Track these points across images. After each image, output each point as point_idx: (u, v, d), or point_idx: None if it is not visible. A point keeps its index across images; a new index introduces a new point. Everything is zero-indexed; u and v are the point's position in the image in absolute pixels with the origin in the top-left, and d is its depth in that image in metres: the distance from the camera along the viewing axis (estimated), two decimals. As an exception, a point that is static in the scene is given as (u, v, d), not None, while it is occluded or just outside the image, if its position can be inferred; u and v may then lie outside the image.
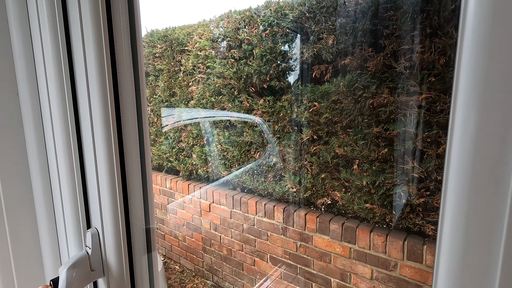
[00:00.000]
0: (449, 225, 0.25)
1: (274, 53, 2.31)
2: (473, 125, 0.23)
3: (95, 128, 0.54)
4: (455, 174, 0.24)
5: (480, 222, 0.23)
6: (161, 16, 3.97)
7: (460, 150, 0.24)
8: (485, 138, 0.22)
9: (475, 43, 0.22)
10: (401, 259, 1.83)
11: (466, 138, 0.23)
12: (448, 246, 0.25)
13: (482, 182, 0.23)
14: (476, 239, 0.23)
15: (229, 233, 2.74)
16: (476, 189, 0.23)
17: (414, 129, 1.81)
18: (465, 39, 0.23)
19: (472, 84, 0.23)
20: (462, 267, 0.24)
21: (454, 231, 0.25)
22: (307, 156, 2.25)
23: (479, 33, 0.22)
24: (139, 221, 0.61)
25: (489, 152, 0.22)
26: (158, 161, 3.38)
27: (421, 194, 1.82)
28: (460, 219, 0.24)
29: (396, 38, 1.79)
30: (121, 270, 0.58)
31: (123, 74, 0.56)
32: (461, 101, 0.23)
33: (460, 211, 0.24)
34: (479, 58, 0.22)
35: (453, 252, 0.25)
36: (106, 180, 0.55)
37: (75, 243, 0.60)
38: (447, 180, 0.25)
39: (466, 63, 0.23)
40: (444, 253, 0.26)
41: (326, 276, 2.18)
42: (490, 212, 0.22)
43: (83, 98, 0.55)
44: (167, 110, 3.17)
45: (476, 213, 0.23)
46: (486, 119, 0.22)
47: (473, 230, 0.24)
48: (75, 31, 0.54)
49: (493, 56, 0.21)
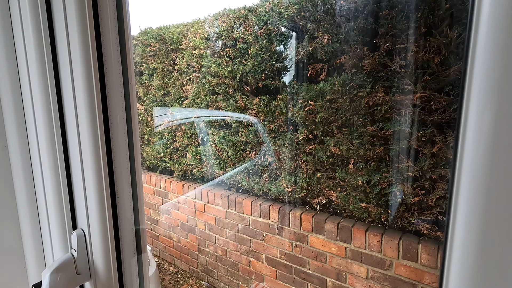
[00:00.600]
0: (462, 228, 0.24)
1: (269, 52, 2.29)
2: (489, 126, 0.21)
3: (81, 125, 0.51)
4: (468, 177, 0.23)
5: (498, 228, 0.22)
6: (155, 14, 3.93)
7: (473, 152, 0.22)
8: (502, 139, 0.21)
9: (490, 40, 0.21)
10: (396, 258, 1.83)
11: (480, 139, 0.22)
12: (461, 249, 0.24)
13: (499, 185, 0.21)
14: (493, 246, 0.22)
15: (224, 233, 2.72)
16: (493, 193, 0.22)
17: (409, 128, 1.81)
18: (479, 36, 0.21)
19: (487, 84, 0.21)
20: (477, 276, 0.23)
21: (467, 238, 0.23)
22: (303, 155, 2.23)
23: (495, 29, 0.20)
24: (128, 222, 0.58)
25: (507, 153, 0.21)
26: (152, 161, 3.34)
27: (416, 193, 1.82)
28: (475, 224, 0.22)
29: (391, 37, 1.78)
30: (108, 273, 0.55)
31: (111, 70, 0.53)
32: (475, 102, 0.22)
33: (474, 216, 0.23)
34: (495, 56, 0.21)
35: (467, 255, 0.23)
36: (92, 178, 0.52)
37: (60, 245, 0.57)
38: (458, 183, 0.24)
39: (480, 62, 0.21)
40: (456, 257, 0.24)
41: (322, 276, 2.17)
42: (510, 216, 0.21)
43: (67, 94, 0.52)
44: (161, 110, 3.14)
45: (493, 218, 0.22)
46: (503, 119, 0.21)
47: (489, 237, 0.22)
48: (59, 27, 0.52)
49: (510, 61, 0.20)
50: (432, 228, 1.80)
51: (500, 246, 0.22)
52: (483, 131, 0.22)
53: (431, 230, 1.80)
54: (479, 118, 0.22)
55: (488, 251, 0.22)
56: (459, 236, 0.24)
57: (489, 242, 0.22)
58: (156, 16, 3.94)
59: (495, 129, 0.21)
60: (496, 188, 0.22)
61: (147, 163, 3.42)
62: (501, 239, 0.22)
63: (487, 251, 0.22)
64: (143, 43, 3.11)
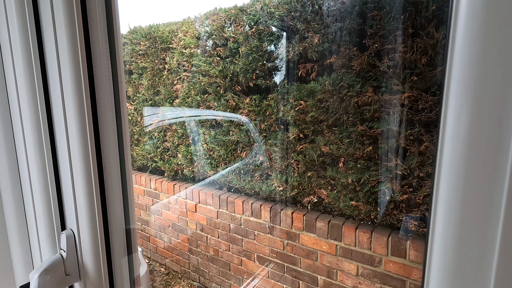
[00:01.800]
0: (441, 225, 0.25)
1: (260, 52, 2.30)
2: (466, 124, 0.22)
3: (69, 124, 0.51)
4: (447, 173, 0.24)
5: (474, 221, 0.23)
6: (144, 12, 3.88)
7: (452, 149, 0.23)
8: (478, 136, 0.22)
9: (467, 42, 0.22)
10: (385, 255, 1.86)
11: (458, 137, 0.23)
12: (440, 246, 0.25)
13: (476, 180, 0.22)
14: (469, 238, 0.23)
15: (215, 233, 2.71)
16: (469, 188, 0.23)
17: (397, 127, 1.85)
18: (457, 37, 0.22)
19: (464, 83, 0.22)
20: (456, 267, 0.24)
21: (447, 231, 0.24)
22: (294, 154, 2.25)
23: (471, 31, 0.21)
24: (119, 221, 0.58)
25: (483, 150, 0.22)
26: (142, 161, 3.30)
27: (404, 190, 1.86)
28: (453, 218, 0.23)
29: (380, 37, 1.82)
30: (98, 274, 0.54)
31: (100, 69, 0.53)
32: (453, 101, 0.23)
33: (452, 210, 0.24)
34: (472, 57, 0.22)
35: (446, 252, 0.24)
36: (81, 178, 0.52)
37: (48, 246, 0.56)
38: (438, 179, 0.24)
39: (458, 62, 0.22)
40: (436, 254, 0.25)
41: (313, 274, 2.19)
42: (485, 211, 0.22)
43: (55, 91, 0.51)
44: (151, 109, 3.10)
45: (470, 212, 0.23)
46: (479, 118, 0.22)
47: (467, 230, 0.23)
48: (46, 26, 0.51)
49: (486, 54, 0.21)
50: (419, 225, 1.84)
51: (476, 239, 0.23)
52: (461, 129, 0.23)
53: (419, 227, 1.84)
54: (457, 116, 0.23)
55: (465, 244, 0.23)
56: (439, 230, 0.25)
57: (466, 236, 0.23)
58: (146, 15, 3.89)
59: (471, 126, 0.22)
60: (472, 183, 0.23)
61: (137, 163, 3.38)
62: (478, 233, 0.23)
63: (465, 244, 0.23)
64: (132, 42, 3.07)
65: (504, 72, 0.20)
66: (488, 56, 0.21)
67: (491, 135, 0.21)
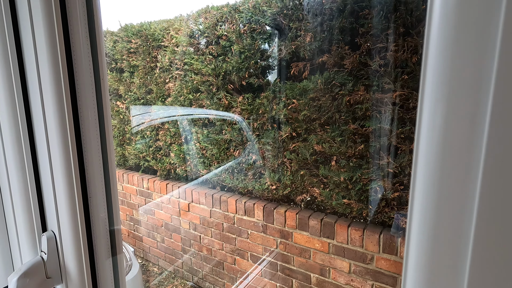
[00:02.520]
0: (417, 225, 0.25)
1: (253, 50, 2.29)
2: (439, 129, 0.22)
3: (48, 123, 0.49)
4: (423, 171, 0.24)
5: (448, 219, 0.23)
6: (136, 10, 3.83)
7: (427, 147, 0.23)
8: (451, 134, 0.22)
9: (441, 41, 0.22)
10: (377, 252, 1.88)
11: (433, 135, 0.23)
12: (417, 246, 0.25)
13: (449, 178, 0.22)
14: (444, 237, 0.23)
15: (209, 232, 2.70)
16: (444, 186, 0.23)
17: (389, 126, 1.86)
18: (431, 37, 0.22)
19: (438, 82, 0.22)
20: (431, 266, 0.24)
21: (422, 230, 0.24)
22: (286, 153, 2.25)
23: (444, 31, 0.22)
24: (102, 222, 0.57)
25: (456, 148, 0.22)
26: (135, 160, 3.27)
27: (395, 188, 1.88)
28: (428, 216, 0.23)
29: (371, 36, 1.82)
30: (81, 276, 0.53)
31: (80, 66, 0.51)
32: (428, 98, 0.23)
33: (428, 206, 0.24)
34: (445, 57, 0.22)
35: (422, 251, 0.24)
36: (62, 178, 0.50)
37: (29, 248, 0.55)
38: (415, 177, 0.24)
39: (433, 61, 0.23)
40: (413, 253, 0.25)
41: (306, 272, 2.20)
42: (458, 208, 0.22)
43: (33, 89, 0.50)
44: (143, 108, 3.07)
45: (444, 208, 0.23)
46: (452, 115, 0.22)
47: (441, 228, 0.23)
48: (24, 23, 0.49)
49: (458, 54, 0.21)
50: (410, 222, 1.86)
51: (450, 233, 0.23)
52: (436, 126, 0.23)
53: (410, 224, 1.86)
54: (432, 114, 0.23)
55: (440, 237, 0.23)
56: (416, 224, 0.24)
57: (441, 231, 0.23)
58: (137, 12, 3.84)
59: (446, 123, 0.22)
60: (445, 179, 0.22)
61: (129, 162, 3.34)
62: (452, 228, 0.23)
63: (440, 238, 0.23)
64: (123, 39, 3.03)
65: (476, 70, 0.20)
66: (461, 54, 0.21)
67: (465, 131, 0.21)
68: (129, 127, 3.26)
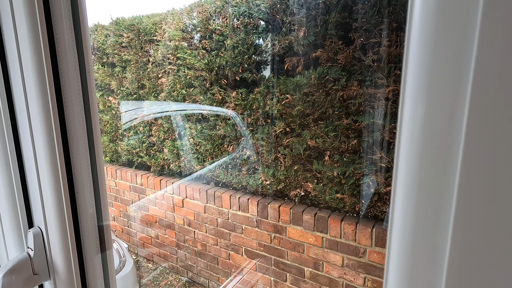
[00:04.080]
0: (399, 218, 0.25)
1: (246, 45, 2.27)
2: (420, 126, 0.22)
3: (32, 116, 0.48)
4: (404, 169, 0.24)
5: (428, 212, 0.23)
6: (127, 3, 3.76)
7: (408, 140, 0.23)
8: (431, 130, 0.22)
9: (421, 39, 0.22)
10: (369, 246, 1.90)
11: (414, 129, 0.23)
12: (398, 239, 0.25)
13: (429, 171, 0.23)
14: (424, 229, 0.23)
15: (203, 228, 2.70)
16: (423, 178, 0.23)
17: (382, 121, 1.87)
18: (412, 34, 0.23)
19: (418, 78, 0.22)
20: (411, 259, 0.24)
21: (404, 223, 0.24)
22: (280, 148, 2.25)
23: (425, 29, 0.22)
24: (91, 218, 0.56)
25: (435, 143, 0.22)
26: (128, 156, 3.24)
27: (388, 183, 1.89)
28: (410, 210, 0.24)
29: (365, 31, 1.82)
30: (69, 272, 0.53)
31: (64, 57, 0.50)
32: (409, 96, 0.23)
33: (409, 200, 0.24)
34: (424, 55, 0.22)
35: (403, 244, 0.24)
36: (47, 173, 0.49)
37: (15, 245, 0.54)
38: (396, 171, 0.25)
39: (413, 58, 0.23)
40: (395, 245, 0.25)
41: (300, 266, 2.22)
42: (437, 201, 0.22)
43: (16, 81, 0.48)
44: (135, 103, 3.03)
45: (423, 201, 0.23)
46: (432, 111, 0.22)
47: (421, 221, 0.23)
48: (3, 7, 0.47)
49: (438, 51, 0.21)
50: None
51: (430, 227, 0.23)
52: (416, 122, 0.23)
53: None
54: (413, 109, 0.23)
55: (420, 230, 0.23)
56: (397, 220, 0.24)
57: (421, 223, 0.23)
58: (128, 6, 3.77)
59: (426, 119, 0.22)
60: (425, 175, 0.23)
61: (122, 158, 3.31)
62: (431, 221, 0.23)
63: (419, 234, 0.23)
64: (114, 33, 2.97)
65: (455, 66, 0.20)
66: (441, 49, 0.21)
67: (444, 126, 0.21)
68: (121, 122, 3.22)
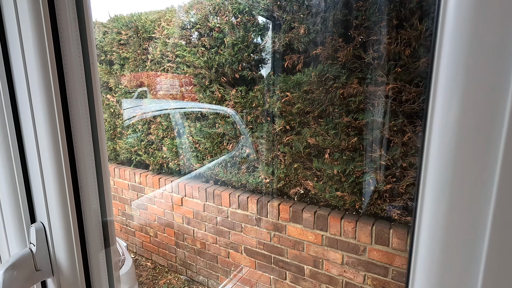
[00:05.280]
0: (427, 225, 0.24)
1: (246, 42, 2.26)
2: (454, 123, 0.21)
3: (35, 109, 0.47)
4: (436, 163, 0.23)
5: (462, 220, 0.22)
6: (126, 0, 3.73)
7: (439, 149, 0.22)
8: (466, 136, 0.21)
9: (456, 39, 0.21)
10: (369, 244, 1.91)
11: (445, 136, 0.22)
12: (427, 247, 0.24)
13: (465, 174, 0.21)
14: (457, 241, 0.22)
15: (202, 226, 2.69)
16: (458, 188, 0.22)
17: (382, 119, 1.87)
18: (445, 35, 0.21)
19: (452, 80, 0.21)
20: (442, 269, 0.23)
21: (433, 232, 0.23)
22: (280, 146, 2.25)
23: (460, 29, 0.20)
24: (94, 213, 0.55)
25: (471, 151, 0.21)
26: (126, 155, 3.22)
27: (388, 180, 1.90)
28: (441, 212, 0.22)
29: (365, 28, 1.82)
30: (73, 268, 0.52)
31: (69, 52, 0.49)
32: (442, 92, 0.22)
33: (439, 210, 0.23)
34: (460, 55, 0.21)
35: (432, 253, 0.23)
36: (51, 168, 0.48)
37: (16, 240, 0.53)
38: (425, 178, 0.23)
39: (446, 59, 0.22)
40: (422, 255, 0.24)
41: (300, 264, 2.22)
42: (474, 211, 0.21)
43: (19, 76, 0.47)
44: (134, 101, 3.01)
45: (458, 207, 0.22)
46: (468, 117, 0.21)
47: (454, 229, 0.22)
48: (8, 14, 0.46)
49: (475, 52, 0.20)
50: (402, 213, 1.89)
51: (465, 230, 0.22)
52: (449, 120, 0.22)
53: (401, 216, 1.89)
54: (446, 108, 0.22)
55: (453, 235, 0.23)
56: (426, 221, 0.24)
57: (455, 227, 0.22)
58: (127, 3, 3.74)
59: (461, 118, 0.21)
60: (460, 175, 0.22)
61: (120, 157, 3.29)
62: (466, 223, 0.22)
63: (453, 236, 0.23)
64: (113, 31, 2.95)
65: (495, 63, 0.19)
66: (478, 47, 0.20)
67: (481, 128, 0.20)
68: (120, 120, 3.20)
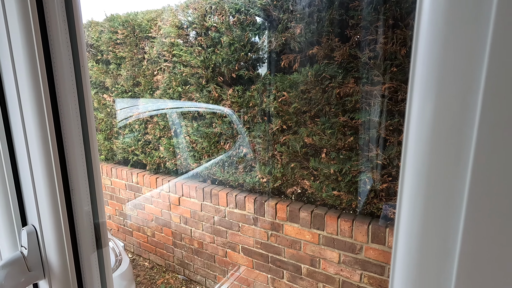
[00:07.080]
0: (406, 219, 0.24)
1: (243, 42, 2.26)
2: (428, 125, 0.22)
3: (25, 110, 0.47)
4: (412, 167, 0.23)
5: (437, 214, 0.22)
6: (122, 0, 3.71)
7: (416, 144, 0.23)
8: (440, 130, 0.22)
9: (430, 34, 0.21)
10: (366, 242, 1.91)
11: (422, 130, 0.22)
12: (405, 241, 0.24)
13: (439, 171, 0.22)
14: (432, 231, 0.23)
15: (200, 226, 2.70)
16: (433, 180, 0.22)
17: (378, 118, 1.88)
18: (421, 29, 0.22)
19: (428, 75, 0.22)
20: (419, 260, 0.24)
21: (411, 225, 0.24)
22: (277, 146, 2.25)
23: (435, 24, 0.21)
24: (86, 215, 0.55)
25: (445, 144, 0.21)
26: (123, 154, 3.21)
27: (384, 180, 1.90)
28: (418, 210, 0.23)
29: (361, 28, 1.82)
30: (65, 270, 0.52)
31: (59, 52, 0.49)
32: (417, 92, 0.23)
33: (416, 202, 0.23)
34: (435, 50, 0.21)
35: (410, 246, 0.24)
36: (41, 170, 0.48)
37: (8, 243, 0.52)
38: (403, 171, 0.24)
39: (422, 54, 0.22)
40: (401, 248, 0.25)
41: (297, 263, 2.23)
42: (447, 203, 0.22)
43: (7, 75, 0.47)
44: (131, 101, 3.00)
45: (433, 203, 0.23)
46: (442, 109, 0.21)
47: (430, 222, 0.23)
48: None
49: (449, 47, 0.21)
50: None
51: (440, 226, 0.22)
52: (424, 122, 0.22)
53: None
54: (421, 109, 0.22)
55: (429, 230, 0.23)
56: (404, 219, 0.24)
57: (430, 222, 0.23)
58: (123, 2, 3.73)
59: (435, 116, 0.21)
60: (434, 174, 0.22)
61: (117, 156, 3.28)
62: (441, 221, 0.22)
63: (428, 231, 0.23)
64: (109, 30, 2.93)
65: (466, 63, 0.20)
66: (451, 48, 0.21)
67: (454, 125, 0.21)
68: (116, 120, 3.19)
